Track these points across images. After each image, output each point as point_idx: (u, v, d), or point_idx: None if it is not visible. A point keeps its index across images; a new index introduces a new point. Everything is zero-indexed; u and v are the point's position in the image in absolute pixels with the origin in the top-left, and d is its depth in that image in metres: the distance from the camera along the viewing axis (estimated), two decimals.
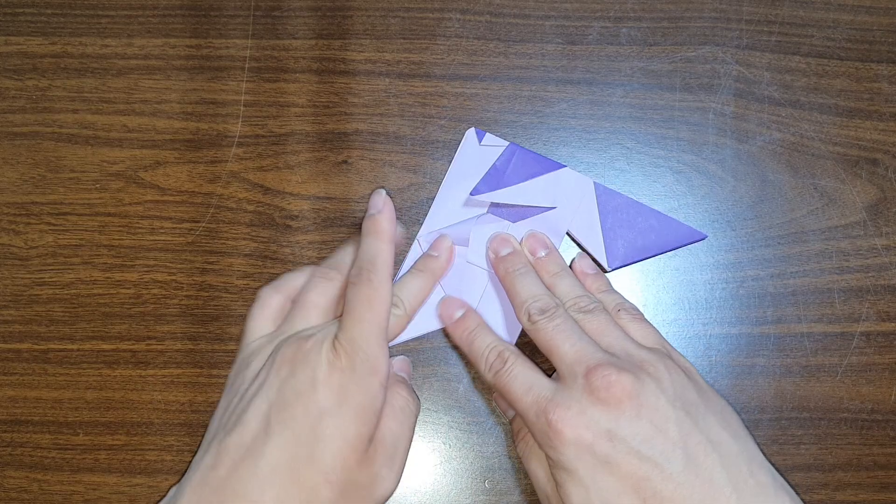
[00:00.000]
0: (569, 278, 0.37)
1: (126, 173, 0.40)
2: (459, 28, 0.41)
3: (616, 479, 0.30)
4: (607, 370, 0.31)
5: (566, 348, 0.33)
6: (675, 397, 0.31)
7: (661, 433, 0.30)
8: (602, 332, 0.34)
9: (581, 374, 0.32)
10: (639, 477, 0.30)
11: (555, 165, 0.39)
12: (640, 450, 0.30)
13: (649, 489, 0.29)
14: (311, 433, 0.30)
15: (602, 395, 0.31)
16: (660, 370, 0.32)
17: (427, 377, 0.39)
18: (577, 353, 0.32)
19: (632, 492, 0.30)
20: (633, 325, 0.35)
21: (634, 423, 0.30)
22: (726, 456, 0.30)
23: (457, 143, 0.40)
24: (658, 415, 0.31)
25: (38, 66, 0.41)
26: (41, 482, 0.38)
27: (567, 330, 0.34)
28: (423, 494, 0.38)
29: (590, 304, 0.35)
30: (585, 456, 0.30)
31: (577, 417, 0.31)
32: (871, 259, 0.40)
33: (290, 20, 0.41)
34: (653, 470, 0.30)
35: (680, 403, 0.31)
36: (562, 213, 0.39)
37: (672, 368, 0.33)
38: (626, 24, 0.41)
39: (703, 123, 0.41)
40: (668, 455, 0.30)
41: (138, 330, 0.39)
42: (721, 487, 0.30)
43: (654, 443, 0.30)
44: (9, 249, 0.39)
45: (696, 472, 0.30)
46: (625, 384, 0.31)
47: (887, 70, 0.41)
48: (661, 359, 0.33)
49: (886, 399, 0.39)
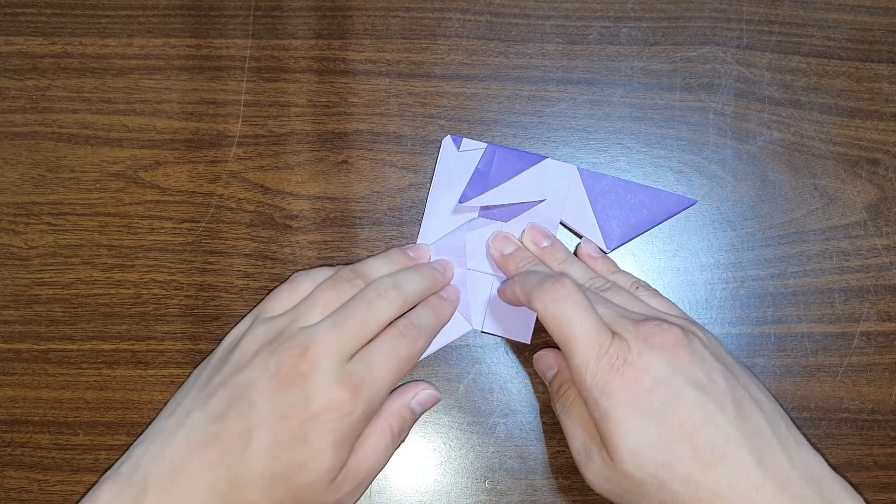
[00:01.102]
0: (577, 263, 0.37)
1: (126, 173, 0.40)
2: (459, 28, 0.41)
3: (671, 425, 0.30)
4: (656, 321, 0.32)
5: (602, 311, 0.33)
6: (716, 354, 0.32)
7: (712, 381, 0.31)
8: (627, 304, 0.34)
9: (630, 327, 0.32)
10: (694, 422, 0.30)
11: (537, 158, 0.39)
12: (696, 396, 0.30)
13: (703, 436, 0.30)
14: (290, 456, 0.31)
15: (656, 342, 0.31)
16: (696, 330, 0.33)
17: (427, 377, 0.39)
18: (614, 314, 0.33)
19: (685, 439, 0.30)
20: (654, 300, 0.36)
21: (689, 368, 0.31)
22: (767, 412, 0.31)
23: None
24: (707, 365, 0.31)
25: (38, 66, 0.41)
26: (41, 482, 0.38)
27: (597, 300, 0.34)
28: (423, 494, 0.38)
29: (605, 283, 0.36)
30: (643, 402, 0.30)
31: (638, 360, 0.30)
32: (871, 259, 0.40)
33: (291, 20, 0.41)
34: (707, 416, 0.30)
35: (720, 360, 0.32)
36: (552, 204, 0.39)
37: (705, 331, 0.34)
38: (627, 24, 0.41)
39: (703, 123, 0.41)
40: (720, 403, 0.30)
41: (138, 330, 0.39)
42: (768, 439, 0.30)
43: (708, 390, 0.30)
44: (9, 249, 0.39)
45: (745, 421, 0.30)
46: (676, 332, 0.31)
47: (888, 70, 0.41)
48: (693, 323, 0.34)
49: (887, 399, 0.39)
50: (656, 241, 0.40)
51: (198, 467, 0.30)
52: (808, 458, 0.30)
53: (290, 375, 0.31)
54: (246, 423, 0.31)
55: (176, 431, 0.32)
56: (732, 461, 0.29)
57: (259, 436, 0.31)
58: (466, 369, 0.39)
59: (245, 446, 0.30)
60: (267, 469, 0.30)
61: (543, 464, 0.38)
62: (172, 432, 0.32)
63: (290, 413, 0.31)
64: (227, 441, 0.31)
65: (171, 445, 0.31)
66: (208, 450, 0.31)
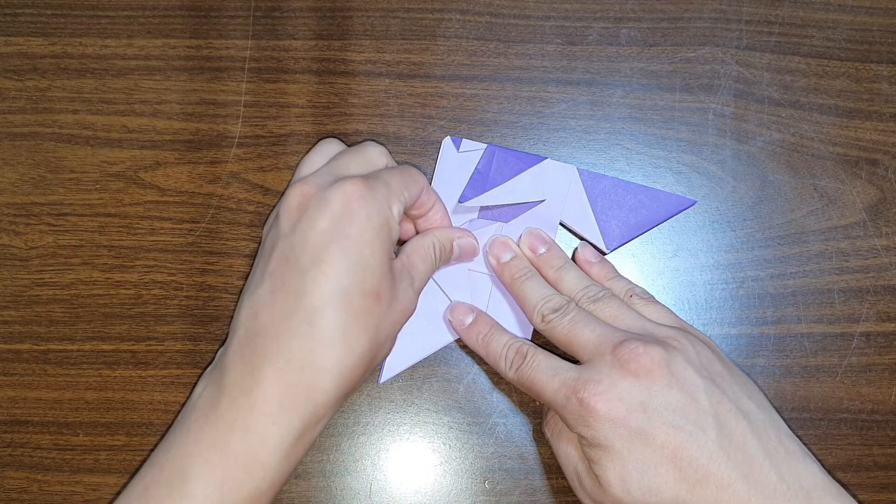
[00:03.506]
0: (573, 270, 0.37)
1: (126, 174, 0.40)
2: (459, 29, 0.41)
3: (652, 450, 0.30)
4: (634, 343, 0.32)
5: (586, 335, 0.33)
6: (702, 367, 0.32)
7: (693, 402, 0.31)
8: (617, 316, 0.34)
9: (608, 351, 0.32)
10: (675, 446, 0.30)
11: (536, 159, 0.39)
12: (674, 419, 0.30)
13: (685, 458, 0.30)
14: (359, 260, 0.31)
15: (632, 367, 0.31)
16: (684, 343, 0.33)
17: (427, 378, 0.39)
18: (599, 337, 0.33)
19: (668, 462, 0.30)
20: (648, 307, 0.36)
21: (666, 392, 0.31)
22: (756, 424, 0.31)
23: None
24: (688, 384, 0.31)
25: (38, 66, 0.41)
26: (41, 483, 0.38)
27: (583, 320, 0.34)
28: (423, 495, 0.38)
29: (599, 292, 0.36)
30: (620, 429, 0.30)
31: (609, 391, 0.31)
32: (870, 259, 0.40)
33: (290, 21, 0.41)
34: (688, 439, 0.30)
35: (707, 374, 0.32)
36: (552, 205, 0.39)
37: (695, 342, 0.33)
38: (626, 25, 0.41)
39: (702, 124, 0.41)
40: (701, 423, 0.30)
41: (138, 330, 0.39)
42: (754, 454, 0.30)
43: (688, 411, 0.30)
44: (9, 250, 0.39)
45: (729, 439, 0.30)
46: (653, 355, 0.31)
47: (887, 70, 0.41)
48: (683, 334, 0.33)
49: (886, 399, 0.39)
50: (656, 242, 0.40)
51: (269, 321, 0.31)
52: (799, 470, 0.30)
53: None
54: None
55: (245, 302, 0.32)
56: (717, 479, 0.29)
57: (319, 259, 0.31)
58: (466, 370, 0.39)
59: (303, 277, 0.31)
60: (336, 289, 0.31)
61: (543, 464, 0.38)
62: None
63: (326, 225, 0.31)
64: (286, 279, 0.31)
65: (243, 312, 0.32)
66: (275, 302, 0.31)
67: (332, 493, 0.38)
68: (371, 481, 0.38)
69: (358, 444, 0.38)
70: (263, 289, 0.32)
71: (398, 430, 0.38)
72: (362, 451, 0.38)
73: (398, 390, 0.39)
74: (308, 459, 0.38)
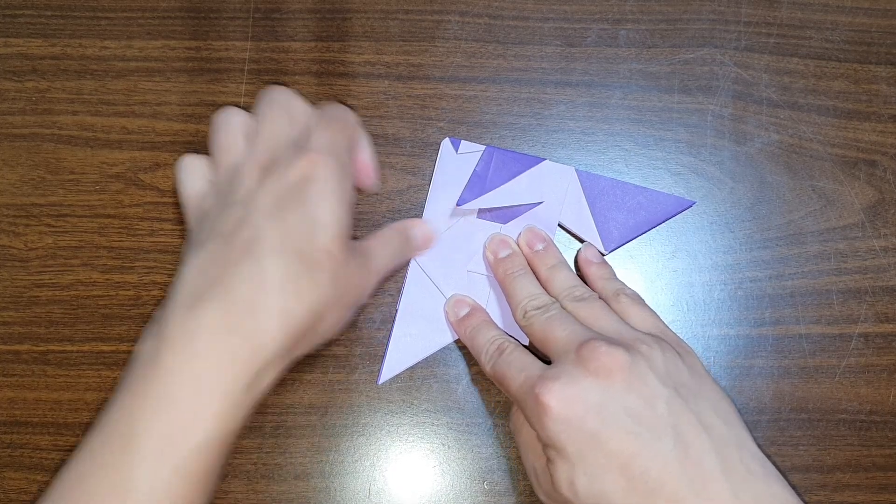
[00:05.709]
0: (565, 270, 0.37)
1: (126, 175, 0.40)
2: (458, 30, 0.41)
3: (604, 455, 0.29)
4: (598, 343, 0.31)
5: (558, 334, 0.33)
6: (667, 376, 0.31)
7: (650, 409, 0.30)
8: (596, 317, 0.34)
9: (572, 349, 0.31)
10: (628, 454, 0.29)
11: (535, 160, 0.40)
12: (630, 425, 0.29)
13: (637, 467, 0.29)
14: (314, 218, 0.31)
15: (592, 367, 0.30)
16: (653, 349, 0.32)
17: (425, 378, 0.39)
18: (569, 336, 0.32)
19: (619, 470, 0.29)
20: (632, 308, 0.35)
21: (624, 396, 0.30)
22: (717, 440, 0.30)
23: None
24: (648, 390, 0.30)
25: (38, 67, 0.41)
26: (41, 483, 0.38)
27: (559, 319, 0.34)
28: (422, 496, 0.38)
29: (584, 293, 0.36)
30: (573, 431, 0.30)
31: (566, 388, 0.30)
32: (869, 260, 0.40)
33: (290, 22, 0.41)
34: (642, 447, 0.29)
35: (671, 382, 0.31)
36: (550, 207, 0.39)
37: (666, 349, 0.32)
38: (625, 27, 0.41)
39: (701, 125, 0.41)
40: (658, 432, 0.29)
41: (138, 331, 0.39)
42: (711, 470, 0.29)
43: (644, 418, 0.29)
44: (8, 251, 0.39)
45: (685, 452, 0.29)
46: (615, 356, 0.30)
47: (886, 72, 0.41)
48: (656, 340, 0.32)
49: (885, 400, 0.39)
50: (654, 243, 0.40)
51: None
52: (758, 490, 0.29)
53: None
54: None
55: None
56: (668, 493, 0.28)
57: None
58: (465, 371, 0.39)
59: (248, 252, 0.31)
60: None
61: None
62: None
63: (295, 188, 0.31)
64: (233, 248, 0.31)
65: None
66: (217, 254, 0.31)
67: (331, 493, 0.38)
68: (370, 482, 0.38)
69: (357, 444, 0.38)
70: (215, 243, 0.31)
71: (397, 431, 0.39)
72: (361, 451, 0.38)
73: (397, 391, 0.39)
74: (307, 460, 0.38)
